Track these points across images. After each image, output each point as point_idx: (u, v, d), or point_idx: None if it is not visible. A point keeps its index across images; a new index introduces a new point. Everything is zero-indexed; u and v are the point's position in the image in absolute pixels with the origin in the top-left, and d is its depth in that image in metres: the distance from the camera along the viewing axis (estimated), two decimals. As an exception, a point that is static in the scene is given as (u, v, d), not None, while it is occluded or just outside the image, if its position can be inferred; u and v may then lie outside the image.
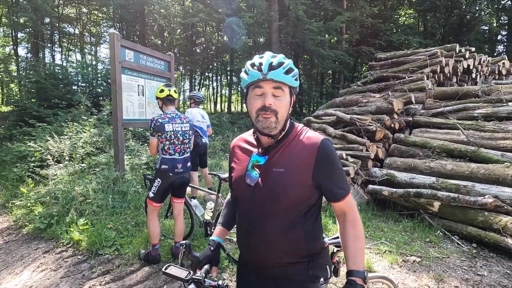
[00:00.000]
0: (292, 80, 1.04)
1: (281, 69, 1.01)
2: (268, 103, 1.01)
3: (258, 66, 1.02)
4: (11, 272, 2.91)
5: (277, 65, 1.01)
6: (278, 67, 1.01)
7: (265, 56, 1.05)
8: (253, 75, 1.02)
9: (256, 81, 1.02)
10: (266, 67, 1.01)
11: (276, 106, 1.02)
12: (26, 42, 17.23)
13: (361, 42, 17.08)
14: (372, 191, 4.55)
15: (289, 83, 1.04)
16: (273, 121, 1.02)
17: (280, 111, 1.03)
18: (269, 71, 1.00)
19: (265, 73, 1.00)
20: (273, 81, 1.01)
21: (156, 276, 2.79)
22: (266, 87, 1.02)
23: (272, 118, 1.02)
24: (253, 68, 1.03)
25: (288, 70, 1.03)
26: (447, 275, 2.86)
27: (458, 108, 5.36)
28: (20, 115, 8.77)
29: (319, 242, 1.13)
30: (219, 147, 9.24)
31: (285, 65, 1.03)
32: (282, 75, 1.01)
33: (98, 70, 13.41)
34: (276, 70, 1.00)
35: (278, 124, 1.04)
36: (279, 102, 1.03)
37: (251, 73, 1.03)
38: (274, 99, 1.02)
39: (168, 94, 2.93)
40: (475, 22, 18.75)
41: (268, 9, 13.64)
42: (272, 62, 1.02)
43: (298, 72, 1.08)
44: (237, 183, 1.17)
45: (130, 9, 15.10)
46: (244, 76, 1.06)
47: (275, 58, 1.04)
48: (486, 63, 7.78)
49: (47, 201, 4.04)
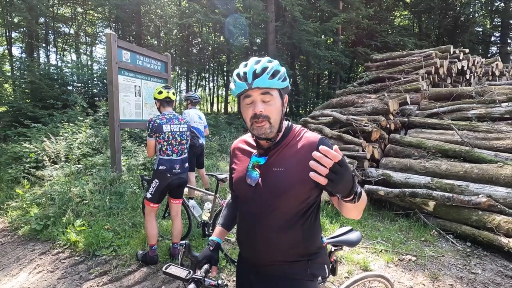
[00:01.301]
0: (279, 83, 1.05)
1: (265, 75, 1.02)
2: (258, 111, 1.03)
3: (243, 76, 1.04)
4: (7, 274, 2.89)
5: (261, 72, 1.02)
6: (262, 74, 1.02)
7: (249, 64, 1.06)
8: (239, 86, 1.04)
9: (243, 91, 1.04)
10: (250, 76, 1.02)
11: (267, 111, 1.04)
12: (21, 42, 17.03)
13: (357, 43, 17.19)
14: (368, 191, 4.58)
15: (276, 86, 1.04)
16: (267, 127, 1.05)
17: (272, 116, 1.04)
18: (253, 79, 1.02)
19: (250, 82, 1.02)
20: (259, 89, 1.02)
21: (154, 277, 2.79)
22: (254, 95, 1.04)
23: (266, 124, 1.04)
24: (239, 78, 1.05)
25: (274, 73, 1.04)
26: (442, 273, 2.90)
27: (452, 109, 5.43)
28: (14, 115, 8.68)
29: (317, 241, 1.15)
30: (216, 148, 9.23)
31: (269, 69, 1.03)
32: (267, 81, 1.02)
33: (93, 71, 13.32)
34: (261, 77, 1.01)
35: (273, 128, 1.06)
36: (270, 107, 1.04)
37: (237, 84, 1.05)
38: (264, 105, 1.04)
39: (167, 96, 2.94)
40: (469, 23, 18.99)
41: (265, 10, 13.67)
42: (255, 69, 1.03)
43: (285, 71, 1.08)
44: (237, 184, 1.19)
45: (126, 9, 15.02)
46: (232, 87, 1.09)
47: (259, 64, 1.04)
48: (480, 64, 7.90)
49: (43, 202, 4.01)
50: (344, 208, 0.97)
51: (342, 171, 0.77)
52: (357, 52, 16.17)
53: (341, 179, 0.77)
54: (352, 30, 16.78)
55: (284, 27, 14.75)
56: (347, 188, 0.82)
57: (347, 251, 3.26)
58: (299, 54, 17.17)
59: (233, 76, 1.09)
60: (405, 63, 7.27)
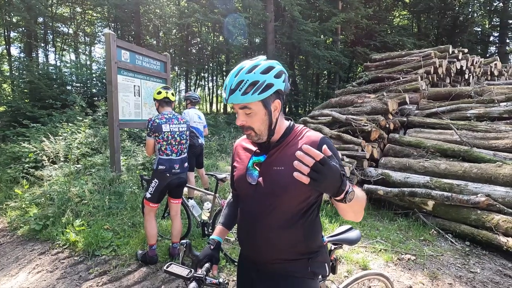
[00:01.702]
0: (255, 97, 0.99)
1: (237, 91, 0.99)
2: (239, 123, 1.06)
3: (224, 88, 1.05)
4: (6, 274, 2.89)
5: (235, 87, 0.99)
6: (235, 90, 0.99)
7: (231, 73, 1.03)
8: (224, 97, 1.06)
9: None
10: (227, 91, 1.02)
11: (249, 123, 1.05)
12: (19, 41, 16.99)
13: (356, 43, 17.21)
14: (368, 190, 4.59)
15: (252, 100, 0.99)
16: (253, 135, 1.08)
17: (255, 126, 1.05)
18: (229, 95, 1.01)
19: (227, 98, 1.03)
20: (235, 104, 1.03)
21: (154, 277, 2.79)
22: (236, 107, 1.05)
23: (251, 133, 1.07)
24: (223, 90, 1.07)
25: (251, 85, 0.98)
26: (441, 272, 2.91)
27: (451, 109, 5.44)
28: (13, 115, 8.66)
29: (318, 240, 1.15)
30: (215, 148, 9.23)
31: (243, 83, 0.98)
32: (240, 97, 0.99)
33: (92, 70, 13.31)
34: (234, 94, 1.00)
35: (261, 135, 1.07)
36: (251, 119, 1.04)
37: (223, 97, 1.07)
38: (245, 117, 1.05)
39: (165, 96, 2.94)
40: (468, 23, 19.05)
41: (264, 10, 13.67)
42: (231, 85, 1.00)
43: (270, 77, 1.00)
44: (238, 182, 1.19)
45: (125, 9, 15.00)
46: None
47: (238, 75, 1.00)
48: (479, 64, 7.92)
49: (42, 202, 4.00)
50: (339, 208, 0.95)
51: (324, 170, 0.75)
52: (356, 52, 16.19)
53: (324, 178, 0.76)
54: (351, 30, 16.80)
55: (283, 27, 14.75)
56: (334, 187, 0.80)
57: (346, 250, 3.26)
58: (298, 54, 17.18)
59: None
60: (404, 63, 7.28)
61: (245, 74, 1.00)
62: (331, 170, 0.77)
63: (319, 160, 0.75)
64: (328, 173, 0.76)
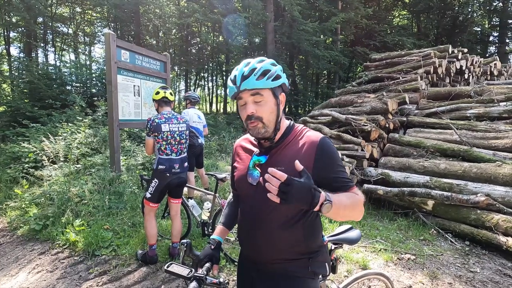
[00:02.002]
0: (268, 83, 1.04)
1: (252, 76, 1.02)
2: (249, 112, 1.04)
3: (233, 79, 1.06)
4: (6, 274, 2.89)
5: (249, 73, 1.03)
6: (249, 75, 1.02)
7: (239, 67, 1.07)
8: (231, 90, 1.07)
9: (234, 94, 1.06)
10: (239, 79, 1.04)
11: (259, 112, 1.04)
12: (19, 41, 16.97)
13: (356, 43, 17.21)
14: (368, 190, 4.60)
15: (265, 86, 1.04)
16: (260, 127, 1.05)
17: (264, 116, 1.05)
18: (241, 82, 1.03)
19: (239, 85, 1.04)
20: (248, 90, 1.04)
21: (154, 276, 2.79)
22: (245, 97, 1.05)
23: (259, 124, 1.05)
24: (231, 82, 1.07)
25: (263, 73, 1.03)
26: (440, 272, 2.91)
27: (451, 108, 5.45)
28: (13, 115, 8.66)
29: (318, 240, 1.15)
30: (215, 148, 9.23)
31: (257, 70, 1.03)
32: (255, 82, 1.02)
33: (92, 70, 13.29)
34: (248, 79, 1.02)
35: (268, 128, 1.06)
36: (261, 108, 1.05)
37: (230, 88, 1.08)
38: (255, 105, 1.05)
39: (164, 96, 2.94)
40: (468, 23, 19.06)
41: (264, 10, 13.67)
42: (244, 72, 1.03)
43: (279, 69, 1.08)
44: (239, 182, 1.20)
45: (125, 9, 15.00)
46: (228, 91, 1.11)
47: (248, 66, 1.05)
48: (478, 64, 7.93)
49: (42, 202, 4.00)
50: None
51: (289, 189, 0.81)
52: (356, 51, 16.18)
53: (291, 196, 0.81)
54: (351, 30, 16.80)
55: (283, 27, 14.75)
56: (306, 203, 0.84)
57: (346, 250, 3.27)
58: (298, 54, 17.18)
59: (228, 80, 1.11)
60: (404, 62, 7.28)
61: (257, 63, 1.05)
62: (298, 188, 0.82)
63: (284, 181, 0.81)
64: (294, 191, 0.81)
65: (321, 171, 1.04)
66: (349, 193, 1.02)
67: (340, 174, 1.06)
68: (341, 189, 1.03)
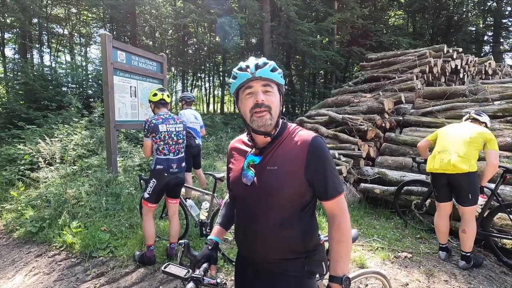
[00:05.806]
0: (278, 77, 1.10)
1: (267, 67, 1.07)
2: (260, 100, 1.05)
3: (245, 68, 1.07)
4: (2, 276, 2.87)
5: (263, 64, 1.07)
6: (264, 66, 1.07)
7: (250, 60, 1.11)
8: (242, 76, 1.07)
9: (246, 81, 1.07)
10: (253, 67, 1.06)
11: (268, 101, 1.07)
12: (14, 42, 16.83)
13: (352, 43, 17.28)
14: (364, 189, 4.62)
15: (277, 79, 1.10)
16: (268, 118, 1.06)
17: (273, 107, 1.07)
18: (256, 70, 1.06)
19: (253, 72, 1.05)
20: (261, 79, 1.06)
21: (152, 277, 2.79)
22: (256, 86, 1.07)
23: (267, 115, 1.06)
24: (241, 71, 1.09)
25: (273, 68, 1.09)
26: (437, 269, 2.94)
27: (446, 107, 5.49)
28: (8, 117, 8.58)
29: (314, 239, 1.16)
30: (212, 148, 9.22)
31: (269, 64, 1.09)
32: (269, 73, 1.07)
33: (88, 71, 13.22)
34: (263, 69, 1.06)
35: (273, 120, 1.08)
36: (271, 98, 1.08)
37: (240, 75, 1.08)
38: (265, 95, 1.07)
39: (161, 98, 2.97)
40: (463, 23, 19.23)
41: (260, 10, 13.68)
42: (257, 62, 1.08)
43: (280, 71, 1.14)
44: (234, 183, 1.20)
45: (121, 10, 14.92)
46: (233, 81, 1.11)
47: (259, 60, 1.10)
48: (473, 63, 7.98)
49: (39, 204, 3.98)
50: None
51: None
52: (352, 51, 16.24)
53: None
54: (347, 30, 16.87)
55: (280, 27, 14.78)
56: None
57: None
58: (295, 54, 17.22)
59: (233, 72, 1.11)
60: (400, 62, 7.32)
61: (267, 60, 1.10)
62: None
63: None
64: None
65: (313, 171, 1.06)
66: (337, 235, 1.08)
67: (330, 178, 1.07)
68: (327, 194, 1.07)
